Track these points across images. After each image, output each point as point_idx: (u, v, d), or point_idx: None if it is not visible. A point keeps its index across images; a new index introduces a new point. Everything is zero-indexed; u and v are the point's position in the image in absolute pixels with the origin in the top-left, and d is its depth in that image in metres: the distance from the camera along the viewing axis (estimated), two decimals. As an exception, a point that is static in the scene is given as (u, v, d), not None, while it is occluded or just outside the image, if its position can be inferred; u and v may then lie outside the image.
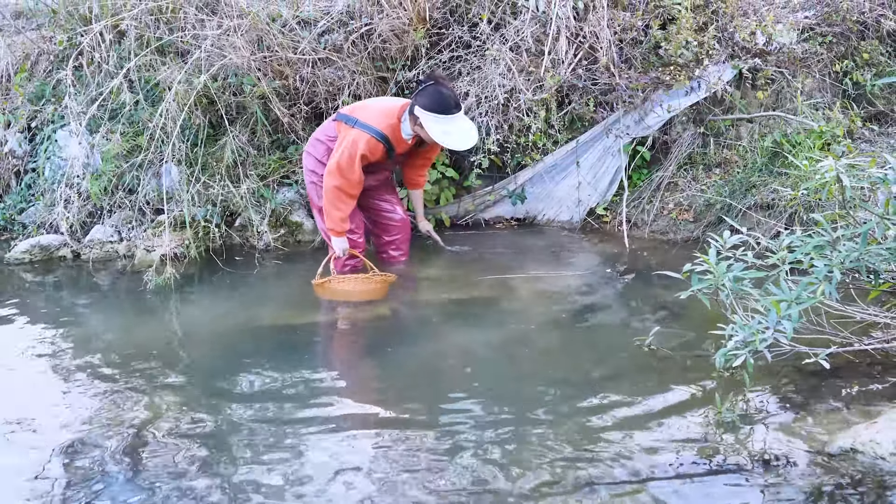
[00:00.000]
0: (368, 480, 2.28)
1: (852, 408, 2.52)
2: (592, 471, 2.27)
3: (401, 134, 4.00)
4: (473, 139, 3.86)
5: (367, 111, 4.06)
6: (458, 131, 3.84)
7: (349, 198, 4.00)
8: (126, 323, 3.82)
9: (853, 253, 2.49)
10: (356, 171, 3.93)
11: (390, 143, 4.00)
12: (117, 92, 4.88)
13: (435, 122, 3.78)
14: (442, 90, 3.82)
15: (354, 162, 3.91)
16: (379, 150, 3.98)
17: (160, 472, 2.35)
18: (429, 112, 3.78)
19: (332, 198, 3.98)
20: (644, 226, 5.12)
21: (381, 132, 3.95)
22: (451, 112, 3.80)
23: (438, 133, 3.78)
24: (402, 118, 3.97)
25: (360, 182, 4.00)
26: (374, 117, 4.00)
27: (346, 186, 3.95)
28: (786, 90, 5.35)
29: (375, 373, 3.11)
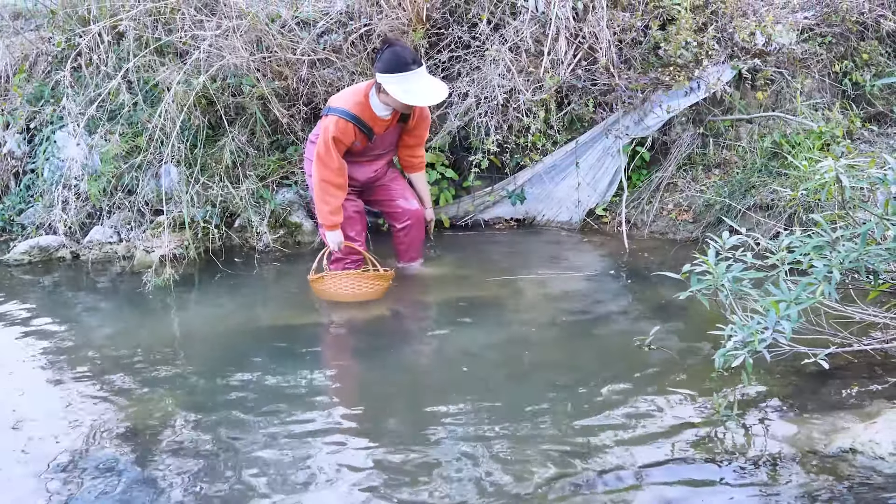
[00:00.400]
0: (367, 481, 2.27)
1: (851, 408, 2.52)
2: (590, 470, 2.27)
3: (373, 112, 3.88)
4: (440, 94, 3.73)
5: (337, 97, 4.00)
6: (421, 88, 3.71)
7: (335, 188, 3.90)
8: (125, 324, 3.82)
9: (852, 253, 2.49)
10: (333, 157, 3.84)
11: (363, 123, 3.87)
12: (116, 93, 4.88)
13: (395, 83, 3.66)
14: (396, 49, 3.69)
15: (329, 148, 3.82)
16: (349, 130, 3.85)
17: (159, 472, 2.35)
18: (387, 74, 3.67)
19: (318, 191, 3.91)
20: (643, 226, 5.12)
21: (348, 111, 3.84)
22: (409, 69, 3.65)
23: (400, 93, 3.65)
24: (370, 94, 3.85)
25: (342, 169, 3.89)
26: (342, 99, 3.92)
27: (328, 176, 3.86)
28: (785, 91, 5.35)
29: (375, 373, 3.11)
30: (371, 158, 4.17)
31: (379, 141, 4.06)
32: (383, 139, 4.08)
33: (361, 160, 4.11)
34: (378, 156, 4.20)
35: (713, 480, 2.19)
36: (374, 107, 3.86)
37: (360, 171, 4.15)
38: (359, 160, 4.10)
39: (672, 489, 2.16)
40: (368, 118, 3.88)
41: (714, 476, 2.21)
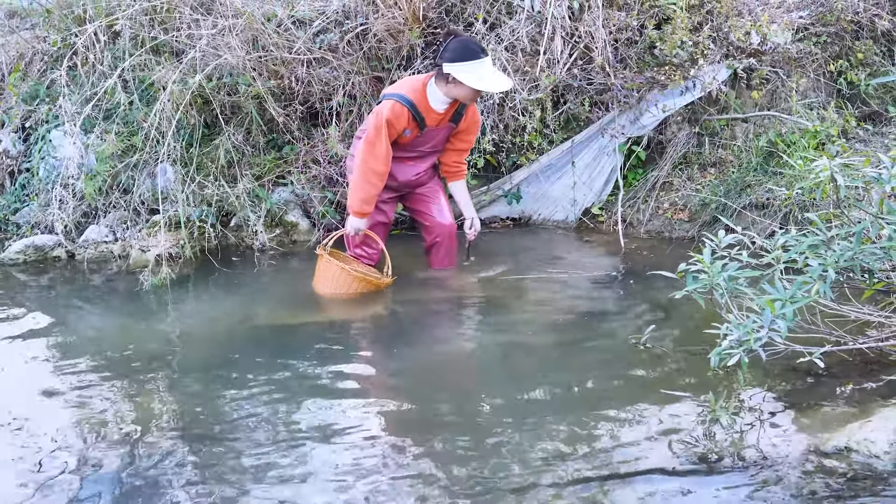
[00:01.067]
0: (364, 481, 2.27)
1: (847, 406, 2.53)
2: (585, 468, 2.27)
3: (429, 103, 3.84)
4: (508, 83, 3.77)
5: (392, 86, 3.98)
6: (492, 75, 3.73)
7: (375, 176, 3.83)
8: (121, 323, 3.81)
9: (847, 252, 2.50)
10: (382, 141, 3.78)
11: (417, 111, 3.83)
12: (112, 92, 4.87)
13: (468, 72, 3.64)
14: (464, 39, 3.73)
15: (380, 131, 3.77)
16: (404, 115, 3.80)
17: (157, 472, 2.35)
18: (458, 63, 3.65)
19: (358, 176, 3.85)
20: (639, 225, 5.13)
21: (405, 96, 3.80)
22: (480, 57, 3.66)
23: (474, 81, 3.64)
24: (428, 85, 3.83)
25: (387, 157, 3.82)
26: (398, 86, 3.91)
27: (372, 162, 3.79)
28: (780, 90, 5.36)
29: (373, 373, 3.11)
30: (416, 156, 4.10)
31: (428, 136, 4.00)
32: (432, 135, 4.02)
33: (405, 157, 4.05)
34: (423, 155, 4.13)
35: (708, 479, 2.20)
36: (430, 98, 3.84)
37: (402, 170, 4.08)
38: (403, 157, 4.03)
39: (667, 488, 2.17)
40: (423, 108, 3.85)
41: (709, 475, 2.22)
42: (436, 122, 3.94)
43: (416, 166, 4.14)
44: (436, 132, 4.01)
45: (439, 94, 3.82)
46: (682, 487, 2.17)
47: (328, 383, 3.00)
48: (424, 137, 4.00)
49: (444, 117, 3.95)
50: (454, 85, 3.72)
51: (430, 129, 3.96)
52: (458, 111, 3.96)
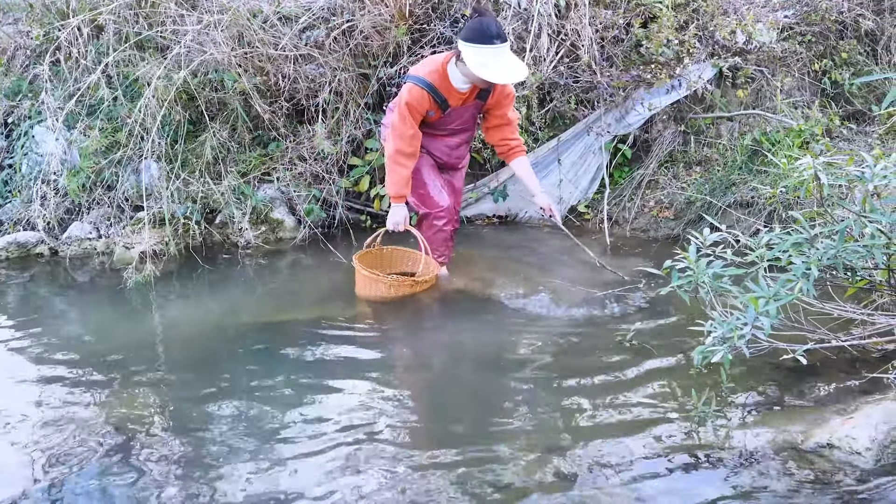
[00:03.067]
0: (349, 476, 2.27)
1: (829, 404, 2.54)
2: (569, 465, 2.27)
3: (450, 83, 3.70)
4: (518, 74, 3.52)
5: (416, 65, 3.85)
6: (499, 64, 3.49)
7: (405, 157, 3.74)
8: (105, 321, 3.79)
9: (830, 250, 2.51)
10: (407, 124, 3.69)
11: (438, 93, 3.70)
12: (95, 87, 4.84)
13: (473, 54, 3.46)
14: (483, 20, 3.49)
15: (404, 116, 3.68)
16: (424, 99, 3.68)
17: (141, 472, 2.33)
18: (467, 43, 3.47)
19: (390, 160, 3.77)
20: (625, 223, 5.15)
21: (424, 79, 3.67)
22: (492, 42, 3.44)
23: (476, 65, 3.45)
24: (449, 64, 3.68)
25: (414, 138, 3.73)
26: (419, 68, 3.79)
27: (400, 145, 3.70)
28: (765, 89, 5.39)
29: (358, 371, 3.10)
30: (446, 133, 3.98)
31: (455, 114, 3.87)
32: (459, 113, 3.88)
33: (435, 133, 3.95)
34: (454, 131, 3.99)
35: (692, 475, 2.21)
36: (451, 77, 3.69)
37: (434, 145, 3.99)
38: (433, 133, 3.94)
39: (651, 484, 2.17)
40: (444, 89, 3.71)
41: (693, 471, 2.23)
42: (459, 101, 3.79)
43: (449, 140, 4.02)
44: (462, 110, 3.87)
45: (458, 73, 3.67)
46: (665, 483, 2.17)
47: (313, 380, 2.98)
48: (450, 117, 3.87)
49: (469, 96, 3.79)
50: (463, 64, 3.57)
51: (453, 109, 3.82)
52: (486, 87, 3.78)
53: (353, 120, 5.21)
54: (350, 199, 5.39)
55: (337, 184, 5.19)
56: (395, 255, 4.24)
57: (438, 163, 4.07)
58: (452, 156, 4.08)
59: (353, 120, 5.21)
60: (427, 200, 4.01)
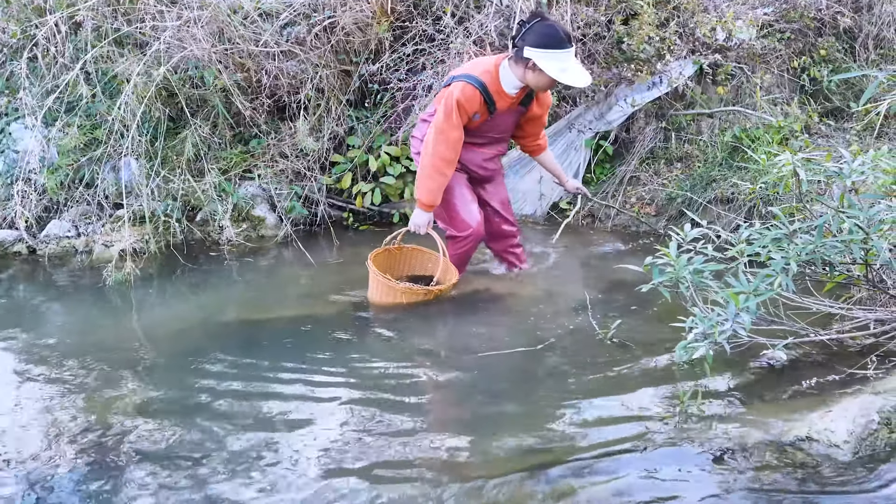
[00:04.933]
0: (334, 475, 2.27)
1: (808, 397, 2.57)
2: (551, 462, 2.28)
3: (501, 86, 3.63)
4: (588, 77, 3.52)
5: (463, 67, 3.77)
6: (575, 68, 3.48)
7: (445, 164, 3.63)
8: (85, 320, 3.76)
9: (809, 246, 2.53)
10: (454, 124, 3.57)
11: (489, 94, 3.62)
12: (74, 84, 4.79)
13: (551, 59, 3.41)
14: (552, 24, 3.44)
15: (451, 115, 3.56)
16: (476, 98, 3.58)
17: (121, 474, 2.32)
18: (541, 49, 3.40)
19: (428, 164, 3.64)
20: (607, 220, 5.17)
21: (478, 77, 3.58)
22: (566, 46, 3.42)
23: (556, 70, 3.41)
24: (501, 66, 3.61)
25: (458, 143, 3.62)
26: (469, 68, 3.70)
27: (442, 148, 3.59)
28: (745, 86, 5.43)
29: (341, 368, 3.09)
30: (484, 142, 3.90)
31: (497, 120, 3.80)
32: (502, 119, 3.82)
33: (473, 142, 3.85)
34: (492, 140, 3.93)
35: (673, 470, 2.22)
36: (503, 81, 3.63)
37: (470, 156, 3.89)
38: (470, 142, 3.82)
39: (632, 478, 2.19)
40: (495, 91, 3.63)
41: (674, 466, 2.24)
42: (506, 105, 3.73)
43: (486, 152, 3.95)
44: (505, 116, 3.81)
45: (512, 78, 3.60)
46: (648, 478, 2.19)
47: (297, 378, 2.97)
48: (493, 122, 3.79)
49: (515, 101, 3.74)
50: (532, 71, 3.50)
51: (498, 114, 3.75)
52: (529, 94, 3.76)
53: (335, 117, 5.20)
54: (332, 197, 5.38)
55: (319, 181, 5.18)
56: (414, 255, 4.14)
57: (473, 177, 3.99)
58: (488, 168, 4.00)
59: (335, 117, 5.20)
60: (457, 222, 3.90)
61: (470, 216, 3.86)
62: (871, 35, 5.80)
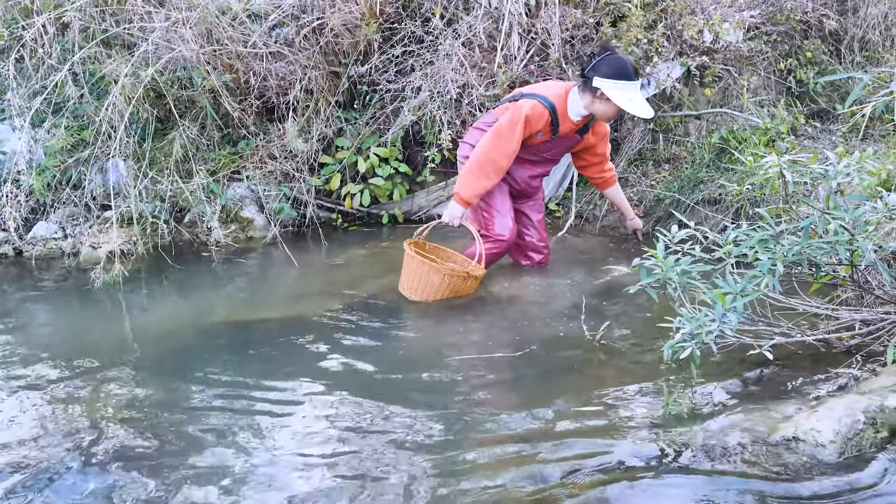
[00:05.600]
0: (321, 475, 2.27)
1: (794, 397, 2.59)
2: (539, 461, 2.29)
3: (567, 111, 3.81)
4: (651, 110, 3.72)
5: (533, 87, 3.94)
6: (640, 99, 3.68)
7: (495, 171, 3.76)
8: (72, 322, 3.74)
9: (795, 247, 2.55)
10: (516, 135, 3.71)
11: (556, 116, 3.80)
12: (61, 85, 4.77)
13: (620, 90, 3.61)
14: (621, 58, 3.67)
15: (516, 126, 3.70)
16: (544, 117, 3.76)
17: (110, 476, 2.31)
18: (612, 79, 3.60)
19: (477, 164, 3.75)
20: (595, 221, 5.19)
21: (549, 99, 3.76)
22: (633, 79, 3.65)
23: (624, 100, 3.60)
24: (571, 93, 3.79)
25: (514, 153, 3.77)
26: (542, 89, 3.86)
27: (498, 155, 3.73)
28: (732, 87, 5.46)
29: (329, 370, 3.09)
30: (536, 160, 4.07)
31: (556, 142, 3.97)
32: (559, 142, 3.99)
33: (527, 159, 4.01)
34: (544, 160, 4.10)
35: (659, 470, 2.23)
36: (570, 106, 3.80)
37: (520, 171, 4.06)
38: (525, 158, 3.98)
39: (619, 479, 2.20)
40: (561, 114, 3.81)
41: (662, 465, 2.25)
42: (567, 130, 3.90)
43: (534, 169, 4.12)
44: (563, 140, 3.98)
45: (579, 106, 3.77)
46: (635, 478, 2.20)
47: (284, 379, 2.97)
48: (552, 143, 3.96)
49: (575, 127, 3.91)
50: (600, 100, 3.68)
51: (559, 137, 3.93)
52: (586, 125, 3.93)
53: (324, 118, 5.20)
54: (321, 198, 5.37)
55: (308, 182, 5.17)
56: (437, 254, 4.15)
57: (514, 190, 4.12)
58: (531, 185, 4.18)
59: (324, 118, 5.20)
60: (490, 226, 4.03)
61: (505, 227, 4.01)
62: (857, 37, 5.85)
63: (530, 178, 4.13)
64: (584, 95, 3.73)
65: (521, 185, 4.13)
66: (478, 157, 3.75)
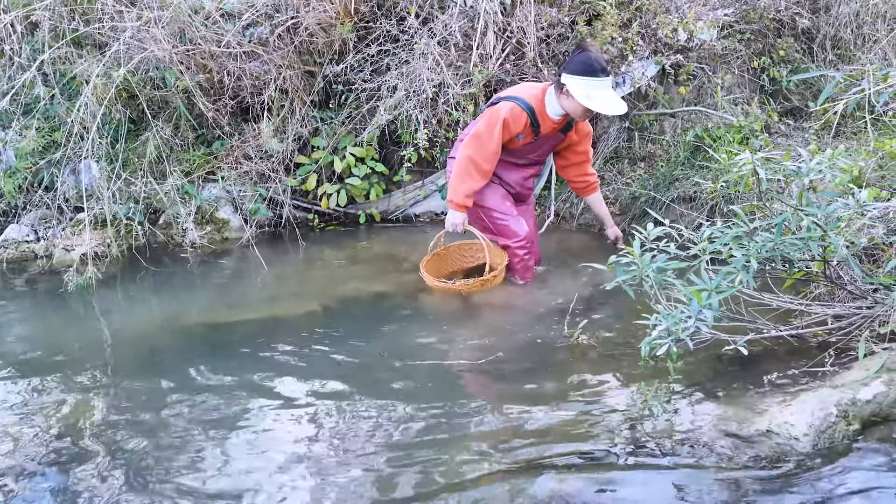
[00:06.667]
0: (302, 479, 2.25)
1: (769, 392, 2.61)
2: (518, 459, 2.29)
3: (546, 111, 3.78)
4: (619, 108, 3.63)
5: (510, 90, 3.92)
6: (603, 97, 3.61)
7: (479, 173, 3.76)
8: (45, 325, 3.69)
9: (769, 243, 2.57)
10: (494, 138, 3.70)
11: (535, 117, 3.77)
12: (31, 86, 4.70)
13: (580, 86, 3.57)
14: (590, 54, 3.61)
15: (494, 129, 3.69)
16: (522, 119, 3.74)
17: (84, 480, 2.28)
18: (574, 76, 3.58)
19: (461, 167, 3.76)
20: (572, 219, 5.20)
21: (526, 101, 3.74)
22: (598, 75, 3.57)
23: (583, 96, 3.56)
24: (548, 92, 3.77)
25: (495, 155, 3.75)
26: (519, 91, 3.84)
27: (479, 157, 3.72)
28: (707, 86, 5.50)
29: (307, 370, 3.08)
30: (523, 163, 4.07)
31: (539, 143, 3.96)
32: (543, 143, 3.98)
33: (513, 162, 4.02)
34: (530, 162, 4.11)
35: (637, 465, 2.24)
36: (547, 106, 3.78)
37: (509, 173, 4.06)
38: (510, 161, 4.00)
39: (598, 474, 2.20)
40: (540, 114, 3.79)
41: (638, 461, 2.26)
42: (549, 129, 3.88)
43: (525, 171, 4.12)
44: (545, 140, 3.96)
45: (555, 104, 3.76)
46: (612, 472, 2.21)
47: (263, 380, 2.95)
48: (535, 144, 3.96)
49: (557, 126, 3.89)
50: (566, 97, 3.67)
51: (542, 137, 3.91)
52: (570, 122, 3.91)
53: (300, 118, 5.17)
54: (297, 198, 5.34)
55: (283, 182, 5.14)
56: (463, 250, 4.20)
57: (511, 193, 4.12)
58: (525, 186, 4.17)
59: (300, 118, 5.17)
60: (506, 231, 4.01)
61: (518, 225, 4.00)
62: (829, 36, 5.90)
63: (523, 180, 4.15)
64: (557, 93, 3.74)
65: (517, 189, 4.14)
66: (460, 162, 3.79)
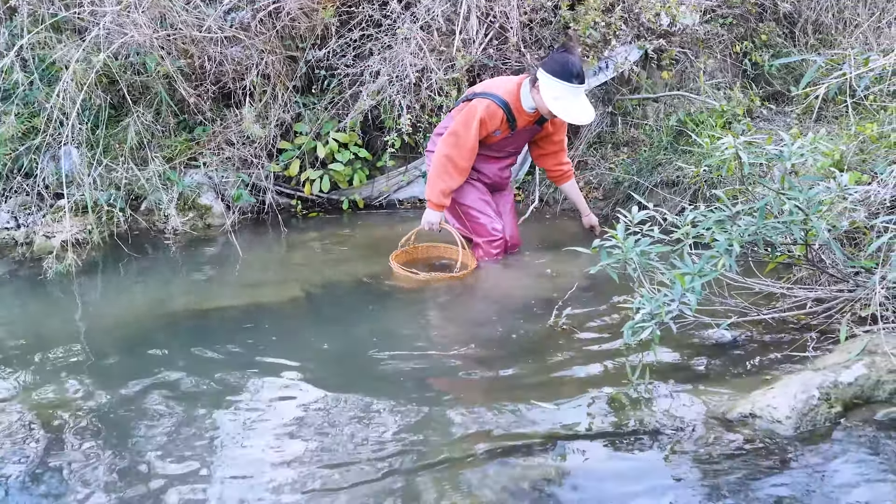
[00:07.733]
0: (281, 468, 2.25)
1: (751, 375, 2.64)
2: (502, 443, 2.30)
3: (521, 104, 3.81)
4: (586, 117, 3.70)
5: (485, 85, 3.94)
6: (571, 104, 3.66)
7: (457, 171, 3.81)
8: (25, 313, 3.66)
9: (751, 227, 2.59)
10: (471, 136, 3.74)
11: (511, 112, 3.81)
12: (9, 71, 4.64)
13: (550, 86, 3.62)
14: (569, 57, 3.64)
15: (471, 127, 3.73)
16: (498, 116, 3.79)
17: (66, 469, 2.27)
18: (548, 75, 3.62)
19: (439, 166, 3.80)
20: (555, 204, 5.21)
21: (501, 97, 3.78)
22: (570, 81, 3.60)
23: (550, 98, 3.61)
24: (522, 85, 3.80)
25: (472, 152, 3.79)
26: (494, 86, 3.86)
27: (456, 155, 3.77)
28: (689, 70, 5.51)
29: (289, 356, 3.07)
30: (501, 156, 4.10)
31: (516, 136, 3.99)
32: (520, 135, 4.01)
33: (491, 155, 4.04)
34: (508, 154, 4.14)
35: (622, 447, 2.26)
36: (522, 99, 3.80)
37: (487, 167, 4.08)
38: (488, 155, 4.02)
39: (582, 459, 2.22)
40: (516, 109, 3.82)
41: (623, 443, 2.28)
42: (524, 122, 3.91)
43: (501, 163, 4.15)
44: (522, 133, 3.99)
45: (529, 97, 3.79)
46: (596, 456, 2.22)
47: (245, 367, 2.94)
48: (512, 138, 3.99)
49: (532, 119, 3.91)
50: (536, 92, 3.70)
51: (518, 131, 3.94)
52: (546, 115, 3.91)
53: (282, 103, 5.14)
54: (280, 184, 5.32)
55: (266, 168, 5.11)
56: (431, 251, 4.25)
57: (487, 183, 4.15)
58: (502, 176, 4.21)
59: (282, 103, 5.14)
60: (481, 229, 4.08)
61: (493, 223, 4.07)
62: (811, 20, 5.93)
63: (500, 171, 4.17)
64: (531, 87, 3.76)
65: (493, 179, 4.16)
66: (438, 160, 3.81)
